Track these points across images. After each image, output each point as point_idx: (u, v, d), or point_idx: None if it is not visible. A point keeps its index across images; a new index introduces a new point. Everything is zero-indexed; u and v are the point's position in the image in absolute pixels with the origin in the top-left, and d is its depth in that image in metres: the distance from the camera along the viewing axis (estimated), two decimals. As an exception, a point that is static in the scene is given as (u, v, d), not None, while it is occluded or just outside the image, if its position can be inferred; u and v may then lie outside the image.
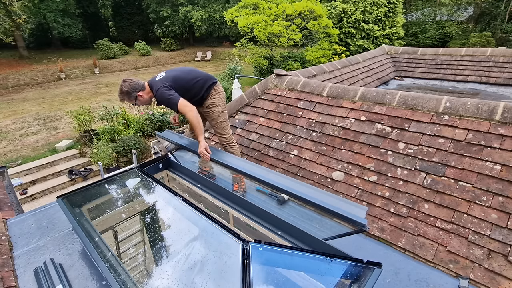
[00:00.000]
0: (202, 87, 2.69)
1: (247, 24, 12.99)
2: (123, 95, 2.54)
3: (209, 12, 24.92)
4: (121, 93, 2.53)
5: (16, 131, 9.97)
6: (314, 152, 2.84)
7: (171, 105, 2.51)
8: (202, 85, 2.69)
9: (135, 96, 2.55)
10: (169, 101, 2.49)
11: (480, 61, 5.18)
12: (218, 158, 2.32)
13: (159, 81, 2.57)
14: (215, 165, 2.87)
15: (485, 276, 1.74)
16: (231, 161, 2.25)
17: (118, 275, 1.43)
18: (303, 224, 2.18)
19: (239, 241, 1.44)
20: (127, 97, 2.55)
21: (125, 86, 2.50)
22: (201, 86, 2.69)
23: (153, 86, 2.57)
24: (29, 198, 6.75)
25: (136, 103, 2.62)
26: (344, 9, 14.75)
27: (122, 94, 2.53)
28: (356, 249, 2.01)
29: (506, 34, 17.78)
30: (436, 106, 2.54)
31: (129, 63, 22.67)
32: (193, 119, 2.47)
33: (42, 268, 1.66)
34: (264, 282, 1.37)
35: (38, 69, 18.68)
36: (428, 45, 18.08)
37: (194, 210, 1.75)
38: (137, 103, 2.62)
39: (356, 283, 1.32)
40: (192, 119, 2.48)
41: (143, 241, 2.20)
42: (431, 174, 2.24)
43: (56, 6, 20.68)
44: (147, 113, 8.66)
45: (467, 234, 1.91)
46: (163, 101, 2.55)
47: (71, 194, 2.00)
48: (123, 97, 2.56)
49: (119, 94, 2.56)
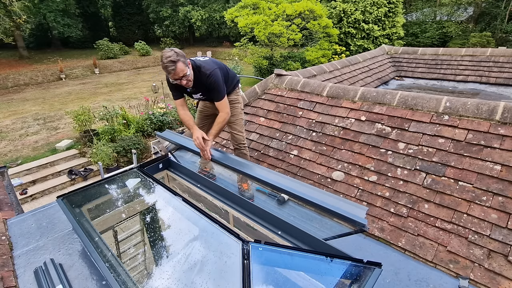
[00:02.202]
0: (232, 81, 2.66)
1: (247, 24, 13.00)
2: (178, 56, 2.10)
3: (209, 12, 24.92)
4: (177, 55, 2.10)
5: (16, 131, 9.97)
6: (314, 152, 2.84)
7: (218, 92, 2.35)
8: (232, 79, 2.64)
9: (187, 64, 2.21)
10: (219, 88, 2.32)
11: (480, 61, 5.18)
12: (219, 159, 2.32)
13: (211, 61, 2.36)
14: (215, 165, 2.88)
15: (485, 276, 1.74)
16: (231, 162, 2.25)
17: (118, 275, 1.43)
18: (303, 224, 2.18)
19: (239, 241, 1.44)
20: (182, 62, 2.13)
21: (177, 51, 2.14)
22: (232, 80, 2.65)
23: (202, 65, 2.31)
24: (29, 198, 6.75)
25: (188, 75, 2.22)
26: (344, 9, 14.75)
27: (177, 55, 2.10)
28: (356, 249, 2.01)
29: (506, 34, 17.79)
30: (436, 106, 2.54)
31: (129, 63, 22.67)
32: (226, 119, 2.45)
33: (42, 268, 1.66)
34: (264, 282, 1.37)
35: (38, 69, 18.68)
36: (428, 45, 18.08)
37: (194, 210, 1.75)
38: (188, 75, 2.22)
39: (356, 283, 1.32)
40: (225, 119, 2.44)
41: (143, 241, 2.20)
42: (431, 174, 2.24)
43: (56, 6, 20.68)
44: (147, 113, 8.66)
45: (467, 234, 1.91)
46: (215, 84, 2.31)
47: (71, 194, 2.00)
48: (178, 58, 2.10)
49: (171, 61, 2.08)
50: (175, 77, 2.20)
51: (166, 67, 2.12)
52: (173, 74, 2.16)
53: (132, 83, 17.22)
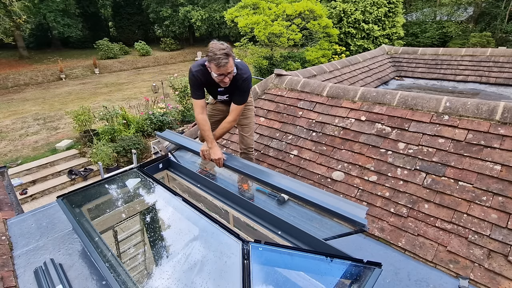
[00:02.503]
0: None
1: (247, 24, 12.99)
2: (230, 50, 2.06)
3: (209, 12, 24.92)
4: (229, 49, 2.06)
5: (16, 131, 9.97)
6: (314, 152, 2.84)
7: (243, 97, 2.32)
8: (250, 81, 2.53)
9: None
10: (247, 93, 2.33)
11: (480, 61, 5.18)
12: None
13: (244, 64, 2.30)
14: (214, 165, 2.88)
15: (485, 276, 1.74)
16: (231, 162, 2.25)
17: (118, 275, 1.43)
18: (303, 224, 2.18)
19: (239, 241, 1.44)
20: (232, 57, 2.10)
21: (227, 45, 2.08)
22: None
23: (239, 67, 2.25)
24: (29, 198, 6.75)
25: (234, 72, 2.17)
26: (344, 9, 14.74)
27: (229, 49, 2.07)
28: (356, 249, 2.01)
29: (506, 34, 17.78)
30: (436, 106, 2.54)
31: (129, 63, 22.66)
32: (233, 126, 2.46)
33: (42, 268, 1.66)
34: (264, 282, 1.37)
35: (38, 69, 18.67)
36: (428, 45, 18.08)
37: (194, 210, 1.75)
38: (235, 73, 2.18)
39: (356, 283, 1.32)
40: (232, 125, 2.44)
41: (143, 241, 2.20)
42: (431, 174, 2.24)
43: (56, 6, 20.67)
44: (147, 113, 8.66)
45: (467, 234, 1.91)
46: (247, 88, 2.30)
47: (71, 194, 2.00)
48: (231, 52, 2.06)
49: (225, 53, 2.02)
50: (222, 72, 2.09)
51: (219, 59, 2.02)
52: (223, 68, 2.05)
53: (132, 83, 17.21)
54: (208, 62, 2.11)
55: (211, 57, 2.05)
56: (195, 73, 2.27)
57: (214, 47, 2.04)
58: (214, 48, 2.04)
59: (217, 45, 2.05)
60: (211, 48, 2.06)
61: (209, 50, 2.06)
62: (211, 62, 2.07)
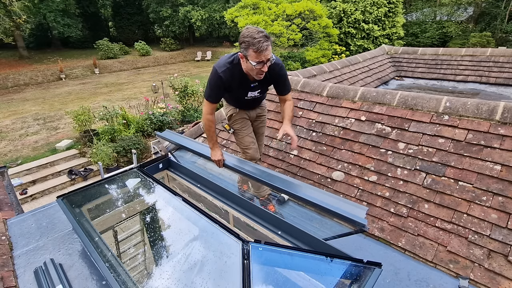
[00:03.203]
0: None
1: (247, 24, 12.99)
2: (266, 32, 1.88)
3: (209, 12, 24.92)
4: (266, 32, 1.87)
5: (16, 131, 9.97)
6: (314, 152, 2.84)
7: (288, 83, 2.20)
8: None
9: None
10: (288, 79, 2.20)
11: (480, 61, 5.18)
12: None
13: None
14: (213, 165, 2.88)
15: (485, 276, 1.74)
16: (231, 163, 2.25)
17: (118, 275, 1.43)
18: (303, 224, 2.18)
19: (239, 241, 1.44)
20: (270, 41, 1.89)
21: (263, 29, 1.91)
22: None
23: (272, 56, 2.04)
24: (29, 198, 6.75)
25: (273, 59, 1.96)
26: (344, 9, 14.75)
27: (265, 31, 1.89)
28: (356, 249, 2.01)
29: (506, 34, 17.79)
30: (436, 106, 2.54)
31: (129, 63, 22.66)
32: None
33: (42, 268, 1.66)
34: (264, 282, 1.37)
35: (38, 69, 18.67)
36: (428, 45, 18.09)
37: (194, 210, 1.75)
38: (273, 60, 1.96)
39: (356, 283, 1.32)
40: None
41: (143, 241, 2.20)
42: (431, 174, 2.24)
43: (56, 6, 20.67)
44: (147, 113, 8.66)
45: (467, 234, 1.91)
46: (286, 75, 2.16)
47: (71, 194, 2.00)
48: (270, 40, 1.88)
49: (265, 36, 1.84)
50: (262, 59, 1.86)
51: (259, 43, 1.80)
52: (265, 53, 1.84)
53: (132, 83, 17.22)
54: (244, 49, 1.86)
55: (248, 42, 1.81)
56: (222, 74, 2.01)
57: (251, 31, 1.82)
58: (251, 32, 1.82)
59: (253, 29, 1.84)
60: (247, 33, 1.83)
61: (245, 35, 1.83)
62: (248, 49, 1.84)
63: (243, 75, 2.07)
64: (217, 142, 2.29)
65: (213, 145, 2.25)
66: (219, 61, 2.08)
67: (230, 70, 2.03)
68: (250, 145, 2.43)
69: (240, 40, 1.87)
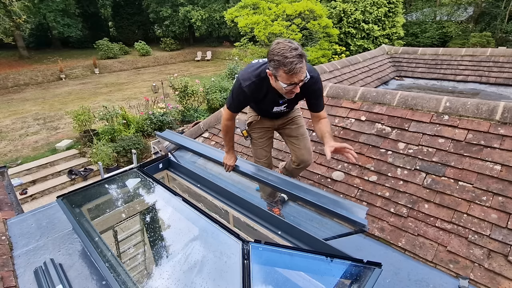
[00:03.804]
0: None
1: (247, 24, 12.99)
2: (301, 48, 1.56)
3: (209, 12, 24.92)
4: (301, 48, 1.56)
5: (16, 131, 9.97)
6: (314, 152, 2.84)
7: (322, 99, 1.93)
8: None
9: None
10: (322, 93, 1.93)
11: (480, 61, 5.17)
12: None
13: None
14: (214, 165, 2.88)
15: (485, 276, 1.74)
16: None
17: (118, 275, 1.43)
18: (303, 224, 2.18)
19: (239, 241, 1.44)
20: (305, 58, 1.57)
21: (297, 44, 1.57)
22: None
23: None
24: (29, 198, 6.75)
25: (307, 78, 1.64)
26: (344, 9, 14.75)
27: (301, 47, 1.56)
28: (356, 249, 2.01)
29: (506, 34, 17.80)
30: (436, 106, 2.54)
31: (129, 63, 22.66)
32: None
33: (42, 268, 1.66)
34: (264, 282, 1.37)
35: (38, 69, 18.67)
36: (428, 45, 18.09)
37: (194, 210, 1.75)
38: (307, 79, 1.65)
39: (356, 283, 1.32)
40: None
41: (143, 241, 2.20)
42: (431, 174, 2.24)
43: (56, 6, 20.66)
44: (147, 113, 8.66)
45: (467, 234, 1.91)
46: (320, 90, 1.87)
47: (71, 194, 2.00)
48: (303, 51, 1.55)
49: (299, 54, 1.52)
50: (295, 81, 1.58)
51: (292, 64, 1.51)
52: (298, 75, 1.55)
53: (132, 83, 17.22)
54: (274, 69, 1.58)
55: (279, 62, 1.53)
56: (246, 89, 1.79)
57: (283, 48, 1.52)
58: (283, 49, 1.52)
59: (286, 45, 1.53)
60: (277, 49, 1.54)
61: (275, 53, 1.54)
62: (279, 69, 1.55)
63: (270, 90, 1.80)
64: (233, 147, 2.14)
65: (229, 150, 2.10)
66: (244, 72, 1.82)
67: (255, 84, 1.79)
68: (262, 159, 2.27)
69: (269, 57, 1.58)
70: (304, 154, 2.17)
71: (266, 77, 1.75)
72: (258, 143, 2.25)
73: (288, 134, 2.22)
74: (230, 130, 2.06)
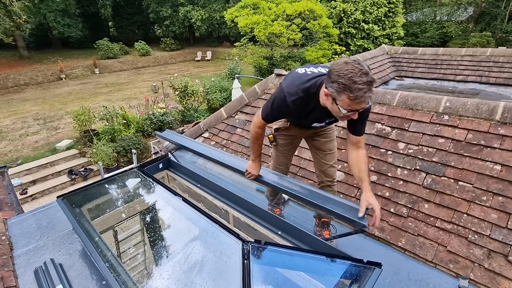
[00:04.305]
0: None
1: (247, 24, 13.00)
2: (372, 74, 1.33)
3: (209, 12, 24.93)
4: (372, 74, 1.33)
5: (16, 131, 9.97)
6: (314, 152, 2.84)
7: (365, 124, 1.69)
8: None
9: None
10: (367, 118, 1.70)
11: (480, 61, 5.17)
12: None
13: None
14: (215, 165, 2.87)
15: (485, 276, 1.74)
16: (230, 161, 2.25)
17: (118, 275, 1.43)
18: (303, 224, 2.18)
19: (239, 241, 1.44)
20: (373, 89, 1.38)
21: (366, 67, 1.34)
22: None
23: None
24: (29, 198, 6.75)
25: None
26: (344, 9, 14.75)
27: (371, 72, 1.34)
28: (356, 249, 2.01)
29: (506, 34, 17.80)
30: (436, 106, 2.54)
31: (129, 63, 22.66)
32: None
33: (42, 268, 1.66)
34: (264, 282, 1.37)
35: (38, 69, 18.67)
36: (428, 45, 18.09)
37: (194, 210, 1.75)
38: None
39: (356, 283, 1.32)
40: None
41: (143, 241, 2.20)
42: (431, 174, 2.24)
43: (56, 6, 20.67)
44: (147, 113, 8.66)
45: (467, 234, 1.91)
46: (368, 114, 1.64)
47: (71, 194, 2.00)
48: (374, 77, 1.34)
49: (370, 81, 1.31)
50: (357, 108, 1.40)
51: (360, 90, 1.31)
52: (363, 104, 1.37)
53: (132, 83, 17.22)
54: (336, 92, 1.37)
55: (345, 86, 1.32)
56: (291, 103, 1.60)
57: (352, 70, 1.30)
58: (352, 72, 1.30)
59: (355, 67, 1.31)
60: (345, 71, 1.32)
61: (342, 74, 1.32)
62: (342, 93, 1.35)
63: (317, 108, 1.61)
64: (260, 156, 1.98)
65: (255, 158, 1.95)
66: (291, 83, 1.62)
67: (303, 100, 1.59)
68: (282, 167, 2.16)
69: (333, 77, 1.35)
70: (329, 171, 2.02)
71: (316, 93, 1.56)
72: (282, 150, 2.11)
73: (317, 147, 2.03)
74: (260, 137, 1.89)
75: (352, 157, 1.67)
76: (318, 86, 1.55)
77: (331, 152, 2.01)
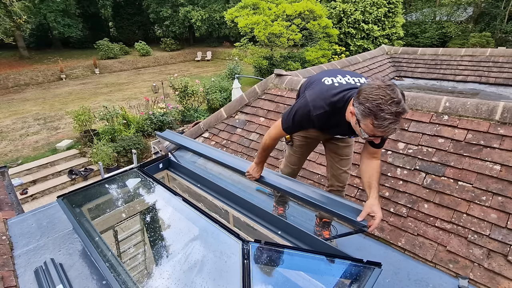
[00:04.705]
0: None
1: (247, 24, 13.01)
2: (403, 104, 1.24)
3: (209, 12, 24.94)
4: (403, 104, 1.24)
5: (16, 131, 9.98)
6: (314, 152, 2.84)
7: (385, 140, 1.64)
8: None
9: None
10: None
11: (480, 61, 5.18)
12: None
13: None
14: (214, 165, 2.88)
15: (484, 276, 1.74)
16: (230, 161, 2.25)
17: (118, 275, 1.44)
18: (303, 224, 2.19)
19: (239, 241, 1.44)
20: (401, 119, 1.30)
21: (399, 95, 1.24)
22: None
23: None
24: (29, 198, 6.75)
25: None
26: (344, 9, 14.76)
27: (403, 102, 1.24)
28: (356, 249, 2.02)
29: (506, 34, 17.81)
30: (435, 106, 2.55)
31: (129, 63, 22.67)
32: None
33: (43, 268, 1.66)
34: (264, 282, 1.37)
35: (39, 69, 18.68)
36: (428, 45, 18.11)
37: (194, 210, 1.75)
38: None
39: (356, 283, 1.32)
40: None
41: (143, 241, 2.20)
42: (431, 174, 2.24)
43: (56, 6, 20.68)
44: (147, 113, 8.66)
45: (466, 234, 1.91)
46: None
47: (71, 194, 2.00)
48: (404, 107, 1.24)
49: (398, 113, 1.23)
50: (380, 135, 1.34)
51: (385, 120, 1.23)
52: (386, 133, 1.31)
53: (132, 83, 17.22)
54: (361, 115, 1.30)
55: (370, 111, 1.25)
56: (316, 118, 1.53)
57: (382, 97, 1.22)
58: (382, 98, 1.22)
59: (387, 93, 1.22)
60: (374, 96, 1.24)
61: (370, 98, 1.25)
62: (367, 118, 1.28)
63: (343, 123, 1.53)
64: (264, 162, 1.96)
65: (260, 162, 1.93)
66: (316, 96, 1.53)
67: (328, 114, 1.51)
68: (292, 166, 2.10)
69: (361, 98, 1.28)
70: (342, 176, 1.97)
71: (343, 107, 1.48)
72: (297, 151, 2.04)
73: (333, 150, 1.96)
74: (271, 148, 1.86)
75: (366, 165, 1.62)
76: (346, 101, 1.47)
77: (347, 158, 1.95)
